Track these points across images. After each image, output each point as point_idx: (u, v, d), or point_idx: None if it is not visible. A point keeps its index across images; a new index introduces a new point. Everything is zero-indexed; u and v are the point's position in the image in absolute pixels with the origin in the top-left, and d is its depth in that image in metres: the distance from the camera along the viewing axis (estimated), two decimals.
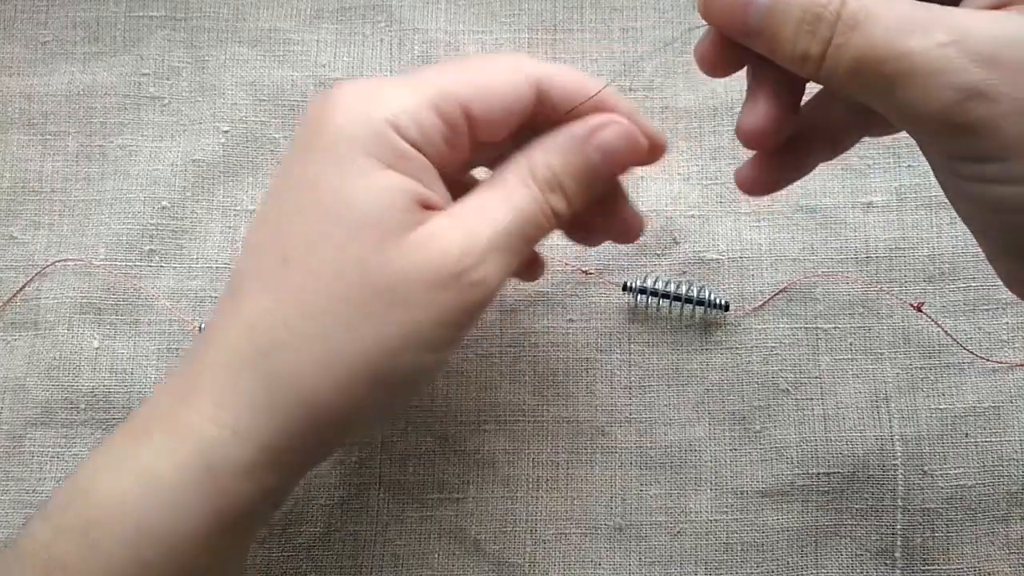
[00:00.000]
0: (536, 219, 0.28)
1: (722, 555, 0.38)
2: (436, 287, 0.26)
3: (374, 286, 0.26)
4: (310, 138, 0.27)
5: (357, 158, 0.26)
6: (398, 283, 0.26)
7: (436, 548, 0.38)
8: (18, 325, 0.40)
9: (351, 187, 0.26)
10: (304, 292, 0.26)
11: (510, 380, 0.40)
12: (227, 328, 0.27)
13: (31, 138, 0.42)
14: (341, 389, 0.26)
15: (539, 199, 0.28)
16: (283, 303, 0.26)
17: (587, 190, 0.29)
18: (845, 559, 0.38)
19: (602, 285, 0.41)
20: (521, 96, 0.28)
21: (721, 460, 0.39)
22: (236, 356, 0.27)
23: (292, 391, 0.26)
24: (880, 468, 0.38)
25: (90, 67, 0.43)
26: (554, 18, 0.43)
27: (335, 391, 0.26)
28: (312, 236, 0.26)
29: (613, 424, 0.39)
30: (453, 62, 0.29)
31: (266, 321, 0.26)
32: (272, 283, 0.27)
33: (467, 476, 0.39)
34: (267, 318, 0.26)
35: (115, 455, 0.27)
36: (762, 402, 0.39)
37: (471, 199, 0.28)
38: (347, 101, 0.27)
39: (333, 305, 0.26)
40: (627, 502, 0.39)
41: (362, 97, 0.27)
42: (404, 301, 0.26)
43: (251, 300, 0.27)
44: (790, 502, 0.38)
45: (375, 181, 0.26)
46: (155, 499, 0.26)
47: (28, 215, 0.41)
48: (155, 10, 0.43)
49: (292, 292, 0.26)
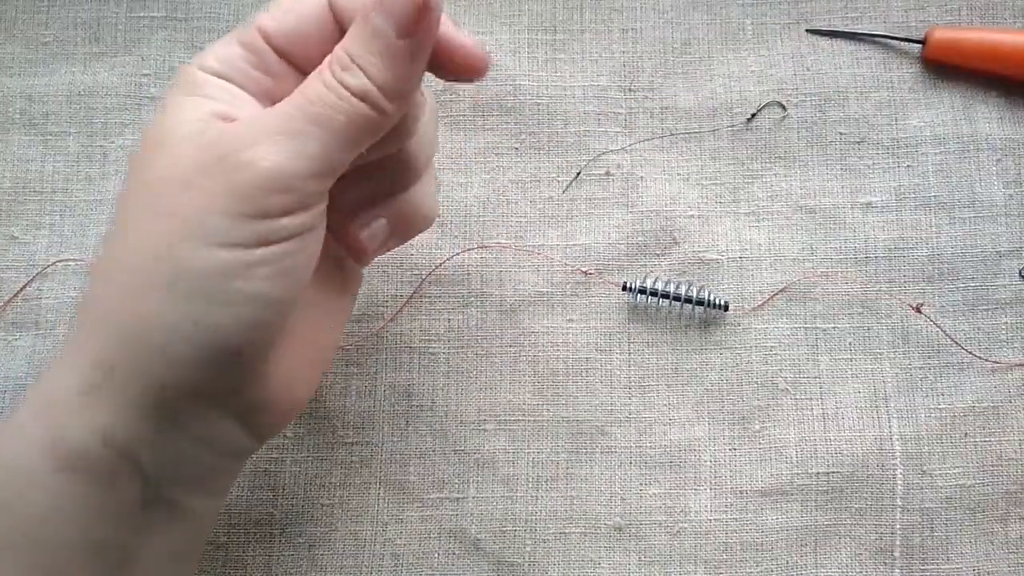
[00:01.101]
0: (328, 100, 0.27)
1: (721, 554, 0.38)
2: (200, 174, 0.26)
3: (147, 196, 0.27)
4: None
5: (167, 99, 0.28)
6: (165, 184, 0.26)
7: (436, 548, 0.38)
8: (19, 325, 0.40)
9: (157, 121, 0.28)
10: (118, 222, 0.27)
11: (510, 380, 0.40)
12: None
13: (32, 138, 0.42)
14: (129, 301, 0.26)
15: (329, 81, 0.27)
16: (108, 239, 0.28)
17: (387, 61, 0.27)
18: (844, 558, 0.38)
19: (602, 285, 0.41)
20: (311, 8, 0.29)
21: (720, 460, 0.39)
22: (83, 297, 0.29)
23: (93, 316, 0.27)
24: (879, 468, 0.39)
25: (91, 68, 0.43)
26: (554, 18, 0.44)
27: (125, 305, 0.26)
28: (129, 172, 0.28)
29: (613, 424, 0.39)
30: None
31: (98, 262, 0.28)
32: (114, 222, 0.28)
33: (467, 476, 0.39)
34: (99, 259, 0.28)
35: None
36: (761, 402, 0.39)
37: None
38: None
39: (123, 226, 0.27)
40: (627, 502, 0.39)
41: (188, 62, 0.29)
42: (169, 200, 0.26)
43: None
44: (789, 502, 0.38)
45: (171, 108, 0.28)
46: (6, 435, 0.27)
47: (29, 215, 0.41)
48: (156, 11, 0.43)
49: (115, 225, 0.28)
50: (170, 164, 0.27)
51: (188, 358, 0.26)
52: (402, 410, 0.39)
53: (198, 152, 0.26)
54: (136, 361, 0.26)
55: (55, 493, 0.26)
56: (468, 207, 0.41)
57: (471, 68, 0.30)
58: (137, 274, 0.26)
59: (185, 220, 0.26)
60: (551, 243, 0.41)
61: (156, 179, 0.27)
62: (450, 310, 0.40)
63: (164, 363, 0.26)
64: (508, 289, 0.41)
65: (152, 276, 0.26)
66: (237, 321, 0.26)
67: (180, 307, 0.26)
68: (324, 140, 0.27)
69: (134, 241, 0.26)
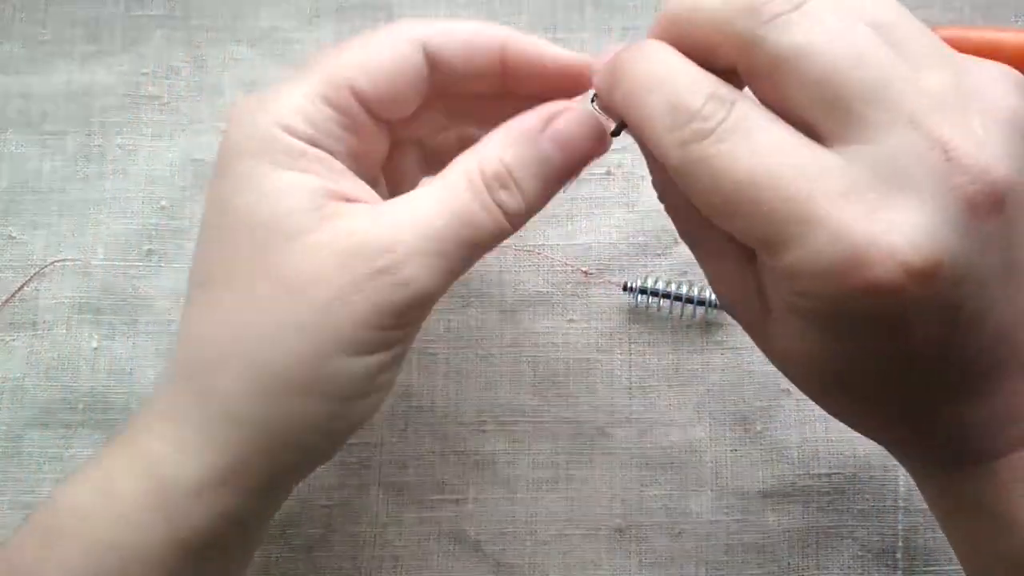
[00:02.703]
0: (477, 219, 0.26)
1: (723, 556, 0.38)
2: (352, 286, 0.25)
3: (287, 293, 0.25)
4: (218, 159, 0.27)
5: (253, 169, 0.26)
6: (309, 286, 0.25)
7: (436, 549, 0.38)
8: (16, 325, 0.40)
9: (250, 198, 0.26)
10: (219, 313, 0.26)
11: (510, 380, 0.40)
12: (177, 347, 0.28)
13: (29, 138, 0.42)
14: (269, 404, 0.25)
15: (484, 198, 0.26)
16: (206, 322, 0.26)
17: (543, 186, 0.27)
18: (847, 560, 0.38)
19: (602, 285, 0.41)
20: (405, 60, 0.27)
21: (722, 460, 0.39)
22: (178, 375, 0.27)
23: (222, 410, 0.26)
24: (882, 468, 0.38)
25: (89, 66, 0.43)
26: (554, 18, 0.43)
27: (264, 407, 0.25)
28: (225, 254, 0.26)
29: (613, 424, 0.39)
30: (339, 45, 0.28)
31: (196, 343, 0.27)
32: (199, 307, 0.27)
33: (467, 477, 0.39)
34: (196, 338, 0.27)
35: (86, 468, 0.27)
36: (763, 402, 0.39)
37: (406, 196, 0.27)
38: (238, 115, 0.27)
39: (249, 319, 0.26)
40: (627, 503, 0.38)
41: (251, 107, 0.27)
42: (318, 306, 0.25)
43: (186, 323, 0.27)
44: (791, 503, 0.38)
45: (271, 186, 0.25)
46: (109, 512, 0.26)
47: (26, 215, 0.41)
48: (154, 9, 0.43)
49: (212, 310, 0.26)
50: (307, 264, 0.25)
51: (319, 446, 0.27)
52: (401, 411, 0.39)
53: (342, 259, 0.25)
54: (270, 456, 0.26)
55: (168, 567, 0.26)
56: None
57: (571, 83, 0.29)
58: (279, 379, 0.25)
59: (337, 331, 0.25)
60: (551, 243, 0.41)
61: (292, 277, 0.25)
62: (450, 310, 0.40)
63: (296, 453, 0.27)
64: (508, 289, 0.41)
65: (297, 382, 0.25)
66: (365, 407, 0.27)
67: (323, 408, 0.26)
68: (469, 258, 0.27)
69: (275, 343, 0.25)
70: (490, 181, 0.26)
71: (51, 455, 0.39)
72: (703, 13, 0.24)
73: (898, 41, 0.22)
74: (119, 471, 0.26)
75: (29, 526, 0.27)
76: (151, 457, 0.26)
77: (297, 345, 0.25)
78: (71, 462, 0.39)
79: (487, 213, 0.26)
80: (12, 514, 0.38)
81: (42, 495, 0.38)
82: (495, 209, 0.26)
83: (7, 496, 0.38)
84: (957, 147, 0.21)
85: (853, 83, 0.21)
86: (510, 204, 0.26)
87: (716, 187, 0.22)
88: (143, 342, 0.40)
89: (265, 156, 0.26)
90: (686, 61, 0.24)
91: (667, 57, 0.24)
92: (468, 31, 0.28)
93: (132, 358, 0.40)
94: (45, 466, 0.39)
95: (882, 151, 0.21)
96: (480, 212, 0.26)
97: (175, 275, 0.40)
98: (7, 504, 0.38)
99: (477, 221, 0.26)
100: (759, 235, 0.22)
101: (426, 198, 0.26)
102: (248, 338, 0.25)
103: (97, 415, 0.39)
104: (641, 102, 0.24)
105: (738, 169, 0.22)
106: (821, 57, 0.22)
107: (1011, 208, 0.21)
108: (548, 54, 0.28)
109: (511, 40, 0.28)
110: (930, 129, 0.21)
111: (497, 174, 0.26)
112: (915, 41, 0.23)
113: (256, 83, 0.42)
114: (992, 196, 0.21)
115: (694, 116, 0.23)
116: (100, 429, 0.39)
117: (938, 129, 0.21)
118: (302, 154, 0.26)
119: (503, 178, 0.26)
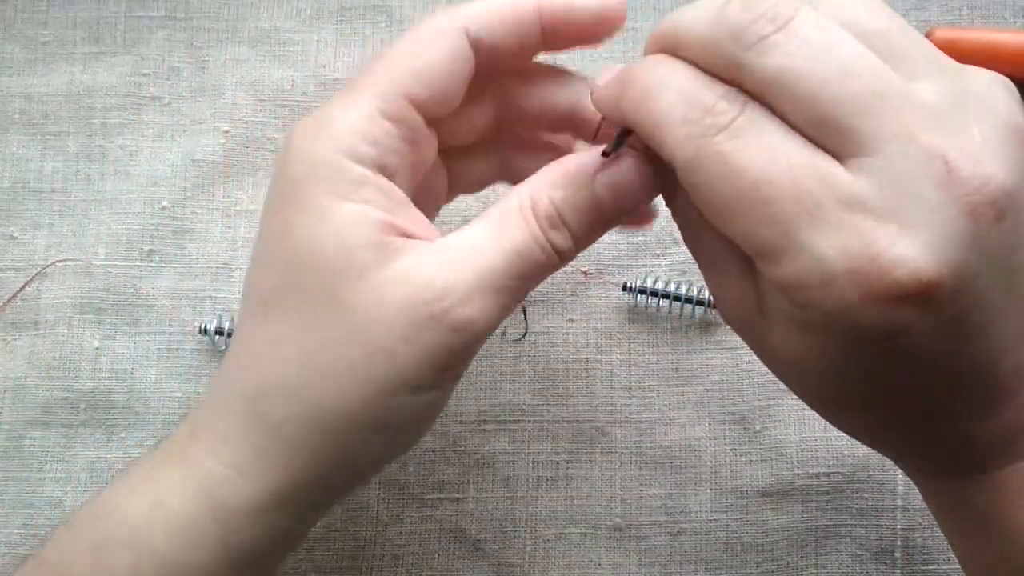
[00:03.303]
0: (533, 256, 0.26)
1: (722, 555, 0.38)
2: (415, 329, 0.25)
3: (352, 331, 0.25)
4: (274, 185, 0.27)
5: (315, 200, 0.25)
6: (373, 326, 0.25)
7: (436, 548, 0.38)
8: (18, 325, 0.40)
9: (313, 231, 0.25)
10: (281, 343, 0.26)
11: (510, 380, 0.40)
12: (231, 364, 0.27)
13: (31, 138, 0.42)
14: (328, 436, 0.26)
15: (538, 235, 0.26)
16: (266, 352, 0.26)
17: (593, 227, 0.27)
18: (845, 559, 0.38)
19: (602, 285, 0.41)
20: (454, 54, 0.26)
21: (721, 460, 0.39)
22: (236, 397, 0.27)
23: (285, 438, 0.26)
24: (880, 468, 0.38)
25: (90, 67, 0.43)
26: None
27: (323, 438, 0.26)
28: (286, 286, 0.26)
29: (613, 424, 0.39)
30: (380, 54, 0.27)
31: (255, 367, 0.26)
32: (257, 330, 0.27)
33: (467, 476, 0.39)
34: (255, 365, 0.26)
35: (135, 479, 0.27)
36: (762, 402, 0.39)
37: (461, 232, 0.26)
38: (297, 142, 0.26)
39: (313, 353, 0.25)
40: (627, 502, 0.39)
41: (309, 133, 0.26)
42: (382, 346, 0.25)
43: (243, 342, 0.27)
44: (790, 502, 0.38)
45: (336, 218, 0.25)
46: (164, 527, 0.26)
47: (28, 215, 0.41)
48: (155, 10, 0.43)
49: (271, 342, 0.26)
50: (372, 304, 0.25)
51: (371, 470, 0.28)
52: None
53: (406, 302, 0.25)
54: (324, 482, 0.27)
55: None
56: (468, 207, 0.41)
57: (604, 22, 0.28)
58: (341, 415, 0.26)
59: (400, 372, 0.25)
60: None
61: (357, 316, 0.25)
62: None
63: (349, 479, 0.28)
64: None
65: (358, 418, 0.26)
66: (418, 437, 0.28)
67: (380, 440, 0.27)
68: (524, 292, 0.27)
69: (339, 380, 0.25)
70: (542, 220, 0.26)
71: (52, 455, 0.39)
72: (691, 37, 0.24)
73: (890, 51, 0.22)
74: (173, 487, 0.26)
75: (74, 535, 0.27)
76: (207, 477, 0.26)
77: (361, 384, 0.25)
78: (72, 462, 0.39)
79: (541, 251, 0.26)
80: (14, 513, 0.38)
81: (43, 495, 0.38)
82: (549, 247, 0.26)
83: (9, 495, 0.38)
84: (956, 158, 0.21)
85: (843, 99, 0.21)
86: (561, 244, 0.26)
87: (725, 184, 0.22)
88: (144, 342, 0.40)
89: (329, 185, 0.25)
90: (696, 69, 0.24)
91: (677, 64, 0.24)
92: (505, 4, 0.27)
93: (133, 358, 0.40)
94: (46, 466, 0.39)
95: (885, 164, 0.21)
96: (535, 251, 0.26)
97: (176, 275, 0.41)
98: (8, 504, 0.38)
99: (534, 258, 0.26)
100: (762, 240, 0.22)
101: (482, 236, 0.26)
102: (311, 372, 0.25)
103: (98, 415, 0.39)
104: (655, 97, 0.24)
105: (749, 167, 0.22)
106: (809, 77, 0.22)
107: (1012, 218, 0.21)
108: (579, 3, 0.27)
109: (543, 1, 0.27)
110: (928, 142, 0.21)
111: (549, 214, 0.26)
112: (908, 50, 0.22)
113: (257, 83, 0.42)
114: (994, 206, 0.21)
115: (708, 111, 0.23)
116: (101, 429, 0.39)
117: (936, 141, 0.21)
118: (365, 182, 0.25)
119: (554, 219, 0.26)
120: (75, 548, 0.27)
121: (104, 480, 0.39)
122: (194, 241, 0.41)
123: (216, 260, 0.41)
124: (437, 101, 0.26)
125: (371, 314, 0.25)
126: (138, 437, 0.39)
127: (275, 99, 0.42)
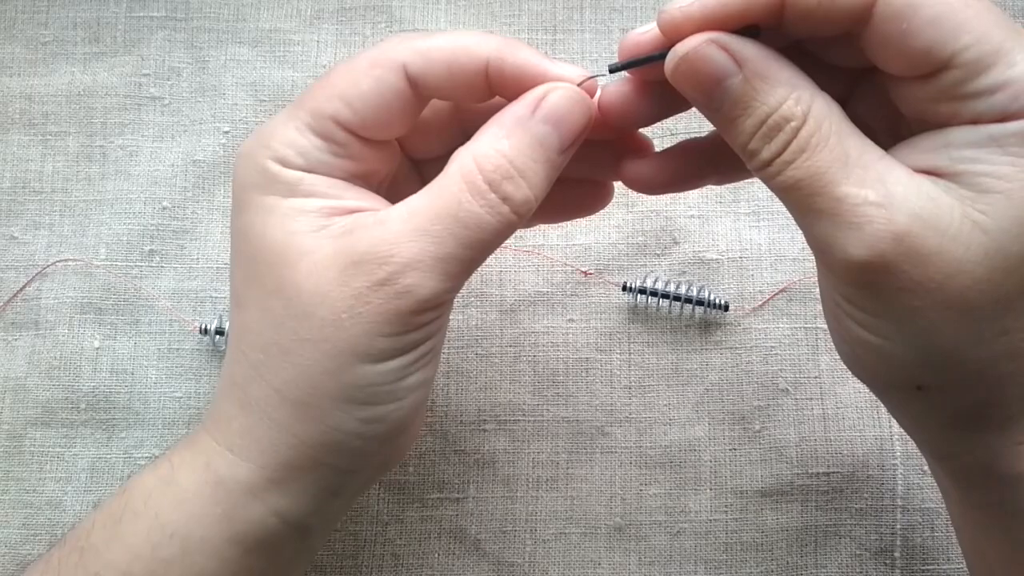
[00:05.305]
0: (477, 218, 0.26)
1: (722, 555, 0.38)
2: (358, 299, 0.26)
3: (298, 311, 0.26)
4: (232, 195, 0.29)
5: (261, 201, 0.27)
6: (318, 301, 0.26)
7: (436, 548, 0.38)
8: (19, 325, 0.40)
9: (264, 229, 0.27)
10: (248, 330, 0.28)
11: (510, 380, 0.40)
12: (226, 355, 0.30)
13: (32, 138, 0.42)
14: (302, 411, 0.27)
15: (483, 194, 0.26)
16: (242, 341, 0.28)
17: (546, 168, 0.27)
18: (845, 558, 0.38)
19: (602, 285, 0.41)
20: (386, 87, 0.27)
21: (721, 460, 0.39)
22: (228, 384, 0.29)
23: (265, 417, 0.27)
24: (879, 467, 0.38)
25: (91, 67, 0.43)
26: (554, 18, 0.44)
27: (298, 414, 0.27)
28: (247, 279, 0.28)
29: (613, 424, 0.39)
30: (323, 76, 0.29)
31: (234, 353, 0.28)
32: (235, 322, 0.29)
33: (467, 476, 0.39)
34: (234, 351, 0.28)
35: (159, 459, 0.30)
36: (762, 402, 0.39)
37: (403, 202, 0.27)
38: (242, 153, 0.28)
39: (270, 336, 0.27)
40: (627, 502, 0.39)
41: (251, 145, 0.28)
42: (330, 319, 0.26)
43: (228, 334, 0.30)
44: (790, 502, 0.38)
45: (277, 213, 0.27)
46: (171, 499, 0.28)
47: (29, 215, 0.41)
48: (155, 10, 0.43)
49: (242, 330, 0.28)
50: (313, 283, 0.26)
51: (361, 449, 0.28)
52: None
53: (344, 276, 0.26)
54: (315, 460, 0.28)
55: (226, 559, 0.28)
56: None
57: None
58: (305, 389, 0.27)
59: (351, 342, 0.26)
60: (551, 243, 0.41)
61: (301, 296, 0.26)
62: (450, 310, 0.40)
63: (342, 458, 0.28)
64: (508, 289, 0.41)
65: (323, 391, 0.27)
66: (400, 409, 0.28)
67: (355, 413, 0.27)
68: (474, 258, 0.27)
69: (296, 357, 0.27)
70: (491, 175, 0.26)
71: (53, 454, 0.39)
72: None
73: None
74: (182, 464, 0.28)
75: (100, 510, 0.29)
76: (209, 455, 0.28)
77: (316, 358, 0.26)
78: (73, 461, 0.39)
79: (489, 209, 0.26)
80: (14, 513, 0.38)
81: (44, 494, 0.38)
82: (498, 203, 0.26)
83: (9, 495, 0.38)
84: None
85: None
86: (516, 195, 0.26)
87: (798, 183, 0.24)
88: (145, 342, 0.40)
89: (268, 188, 0.27)
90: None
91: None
92: (449, 50, 0.27)
93: (134, 358, 0.40)
94: (47, 465, 0.39)
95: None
96: (479, 210, 0.26)
97: (176, 275, 0.41)
98: (9, 503, 0.38)
99: (477, 220, 0.26)
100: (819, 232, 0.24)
101: (421, 203, 0.27)
102: (272, 353, 0.27)
103: (99, 414, 0.39)
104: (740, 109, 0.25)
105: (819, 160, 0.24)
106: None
107: None
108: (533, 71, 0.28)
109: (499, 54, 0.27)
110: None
111: (498, 167, 0.26)
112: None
113: (257, 84, 0.43)
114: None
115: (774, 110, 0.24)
116: (102, 428, 0.39)
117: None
118: (299, 182, 0.27)
119: (505, 169, 0.26)
120: (96, 520, 0.29)
121: (104, 480, 0.39)
122: (194, 241, 0.41)
123: (216, 260, 0.41)
124: (366, 124, 0.28)
125: (314, 293, 0.26)
126: (138, 437, 0.39)
127: (275, 99, 0.43)
